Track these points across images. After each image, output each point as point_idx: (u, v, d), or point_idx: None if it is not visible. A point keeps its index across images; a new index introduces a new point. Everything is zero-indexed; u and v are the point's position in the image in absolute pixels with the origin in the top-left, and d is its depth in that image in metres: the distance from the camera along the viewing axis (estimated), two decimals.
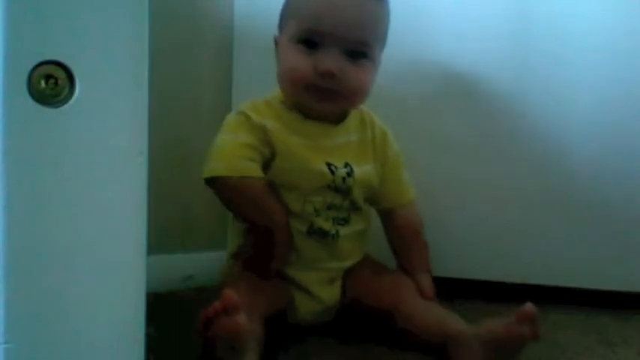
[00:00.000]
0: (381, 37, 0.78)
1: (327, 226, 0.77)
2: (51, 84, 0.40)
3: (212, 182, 0.74)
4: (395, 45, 0.82)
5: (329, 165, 0.76)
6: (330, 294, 0.79)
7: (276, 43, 0.79)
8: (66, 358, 0.42)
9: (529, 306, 0.65)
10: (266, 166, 0.75)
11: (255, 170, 0.73)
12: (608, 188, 0.90)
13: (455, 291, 0.87)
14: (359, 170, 0.78)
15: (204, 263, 0.94)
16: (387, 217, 0.85)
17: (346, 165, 0.77)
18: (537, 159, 0.92)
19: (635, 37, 0.88)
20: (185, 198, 0.94)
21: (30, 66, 0.39)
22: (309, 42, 0.73)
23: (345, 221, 0.78)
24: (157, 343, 0.52)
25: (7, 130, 0.39)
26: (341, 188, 0.76)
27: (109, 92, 0.42)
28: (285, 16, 0.78)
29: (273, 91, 0.79)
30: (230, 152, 0.73)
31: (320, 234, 0.76)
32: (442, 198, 0.93)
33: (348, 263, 0.80)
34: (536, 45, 0.90)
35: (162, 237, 0.87)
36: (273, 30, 0.79)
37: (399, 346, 0.72)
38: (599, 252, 0.91)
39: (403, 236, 0.84)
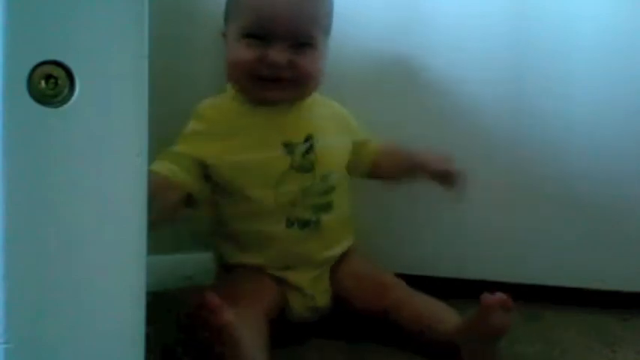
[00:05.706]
0: (325, 25, 0.78)
1: (306, 215, 0.76)
2: (51, 84, 0.40)
3: None
4: (395, 44, 0.82)
5: (286, 145, 0.75)
6: (320, 289, 0.79)
7: (224, 36, 0.80)
8: (66, 358, 0.42)
9: (488, 296, 0.65)
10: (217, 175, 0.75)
11: (165, 169, 0.71)
12: (608, 188, 0.90)
13: (455, 291, 0.87)
14: (324, 142, 0.77)
15: (203, 264, 0.94)
16: (372, 167, 0.85)
17: (307, 139, 0.76)
18: (537, 159, 0.92)
19: (635, 37, 0.88)
20: None
21: (30, 66, 0.39)
22: (255, 36, 0.74)
23: (329, 207, 0.78)
24: (156, 343, 0.52)
25: (7, 130, 0.39)
26: (304, 166, 0.76)
27: (109, 92, 0.42)
28: (229, 10, 0.79)
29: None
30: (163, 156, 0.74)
31: (300, 224, 0.76)
32: (443, 198, 0.93)
33: (336, 251, 0.80)
34: (536, 44, 0.90)
35: (162, 237, 0.87)
36: None
37: (394, 344, 0.73)
38: (599, 252, 0.91)
39: (393, 161, 0.85)
